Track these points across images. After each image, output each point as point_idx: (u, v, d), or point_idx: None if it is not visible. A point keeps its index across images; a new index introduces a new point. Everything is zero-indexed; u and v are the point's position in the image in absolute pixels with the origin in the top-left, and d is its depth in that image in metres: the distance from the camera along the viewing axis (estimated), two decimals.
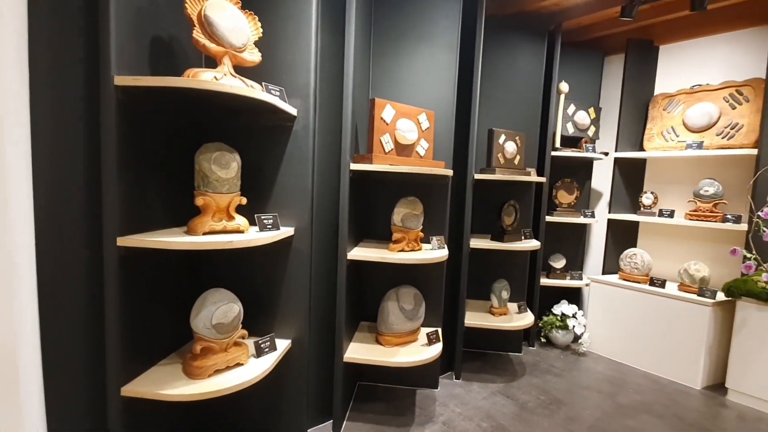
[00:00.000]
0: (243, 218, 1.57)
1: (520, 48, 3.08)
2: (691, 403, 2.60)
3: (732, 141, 2.89)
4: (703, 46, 3.19)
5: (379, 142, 1.96)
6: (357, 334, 2.32)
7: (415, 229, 2.13)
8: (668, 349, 2.94)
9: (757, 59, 2.90)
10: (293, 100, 1.69)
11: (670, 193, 3.35)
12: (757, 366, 2.55)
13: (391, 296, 2.19)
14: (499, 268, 3.09)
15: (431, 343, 2.21)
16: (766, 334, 2.51)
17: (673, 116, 3.23)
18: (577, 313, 3.42)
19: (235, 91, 1.34)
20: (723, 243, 3.04)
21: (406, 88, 2.36)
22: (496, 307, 2.90)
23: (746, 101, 2.88)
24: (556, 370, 2.99)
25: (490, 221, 3.00)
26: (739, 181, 2.93)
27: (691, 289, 2.91)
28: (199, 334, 1.49)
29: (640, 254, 3.23)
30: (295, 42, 1.70)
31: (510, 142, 2.79)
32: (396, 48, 2.35)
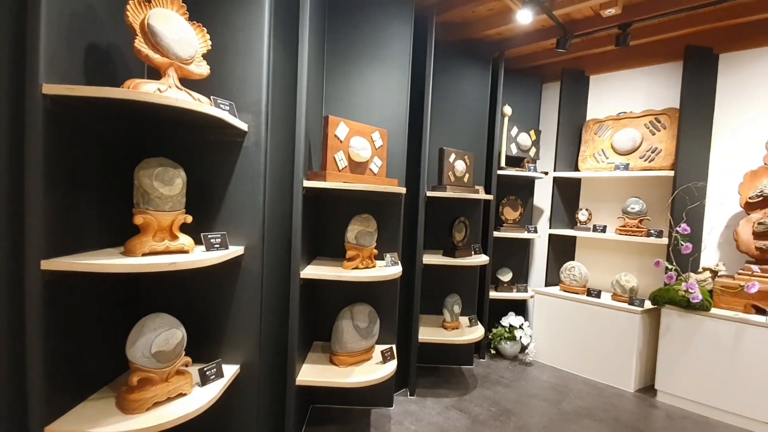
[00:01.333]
0: (188, 237, 1.48)
1: (467, 72, 3.24)
2: (626, 406, 2.79)
3: (653, 163, 3.22)
4: (627, 77, 3.55)
5: (332, 159, 1.96)
6: (310, 355, 2.25)
7: (369, 246, 2.13)
8: (604, 356, 3.14)
9: (672, 91, 3.27)
10: (244, 115, 1.65)
11: (602, 210, 3.64)
12: (680, 368, 2.80)
13: (345, 314, 2.16)
14: (451, 283, 3.17)
15: (386, 360, 2.19)
16: (687, 338, 2.77)
17: (603, 140, 3.53)
18: (524, 324, 3.57)
19: (181, 105, 1.28)
20: (648, 255, 3.33)
21: (359, 107, 2.39)
22: (448, 321, 2.95)
23: (664, 128, 3.23)
24: (505, 381, 3.09)
25: (442, 237, 3.08)
26: (660, 199, 3.26)
27: (622, 299, 3.15)
28: (136, 364, 1.37)
29: (578, 267, 3.45)
30: (247, 56, 1.66)
31: (459, 161, 2.90)
32: (350, 67, 2.38)
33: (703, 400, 2.70)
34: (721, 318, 2.63)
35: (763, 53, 2.89)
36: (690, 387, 2.75)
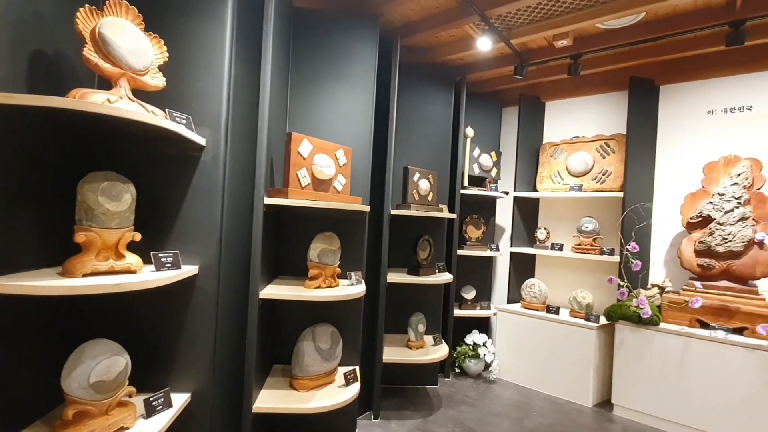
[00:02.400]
0: (136, 257, 1.39)
1: (431, 94, 3.33)
2: (584, 421, 2.84)
3: (604, 185, 3.40)
4: (580, 104, 3.77)
5: (295, 176, 1.93)
6: (269, 380, 2.15)
7: (332, 265, 2.09)
8: (563, 372, 3.22)
9: (619, 118, 3.50)
10: (202, 129, 1.60)
11: (559, 229, 3.78)
12: (634, 382, 2.90)
13: (307, 336, 2.09)
14: (416, 302, 3.16)
15: (349, 383, 2.13)
16: (639, 353, 2.88)
17: (558, 162, 3.71)
18: (487, 341, 3.60)
19: (131, 117, 1.22)
20: (602, 272, 3.49)
21: (324, 124, 2.38)
22: (413, 340, 2.93)
23: (613, 152, 3.44)
24: (469, 400, 3.08)
25: (406, 255, 3.08)
26: (611, 219, 3.43)
27: (579, 315, 3.26)
28: (72, 396, 1.24)
29: (538, 284, 3.55)
30: (207, 70, 1.62)
31: (424, 180, 2.94)
32: (315, 85, 2.38)
33: (656, 413, 2.80)
34: (669, 332, 2.77)
35: (698, 86, 3.16)
36: (644, 400, 2.86)
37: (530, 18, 2.78)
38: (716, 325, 2.69)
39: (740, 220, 2.73)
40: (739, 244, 2.70)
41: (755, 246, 2.69)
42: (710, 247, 2.80)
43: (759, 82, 2.93)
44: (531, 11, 2.69)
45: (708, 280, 2.83)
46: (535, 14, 2.73)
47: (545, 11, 2.69)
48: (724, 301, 2.70)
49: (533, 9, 2.66)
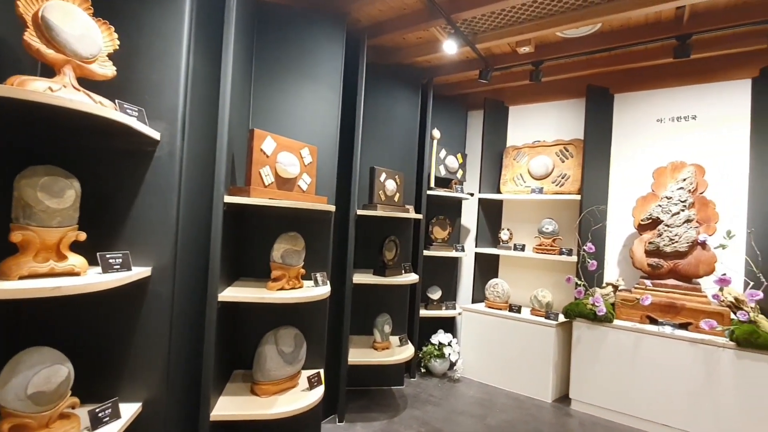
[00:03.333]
0: (80, 258, 1.29)
1: (398, 95, 3.34)
2: (544, 417, 2.94)
3: (563, 188, 3.54)
4: (541, 109, 3.90)
5: (258, 174, 1.87)
6: (229, 386, 2.07)
7: (296, 266, 2.04)
8: (524, 369, 3.31)
9: (577, 123, 3.65)
10: (157, 122, 1.51)
11: (521, 230, 3.90)
12: (590, 377, 3.03)
13: (269, 339, 2.03)
14: (382, 303, 3.15)
15: (313, 386, 2.09)
16: (595, 349, 3.01)
17: (521, 165, 3.83)
18: (452, 341, 3.65)
19: (75, 107, 1.13)
20: (561, 272, 3.62)
21: (289, 122, 2.33)
22: (379, 341, 2.92)
23: (571, 156, 3.58)
24: (434, 400, 3.10)
25: (373, 256, 3.07)
26: (570, 220, 3.57)
27: (539, 313, 3.37)
28: (8, 409, 1.14)
29: (501, 284, 3.64)
30: (162, 60, 1.54)
31: (390, 180, 2.94)
32: (279, 81, 2.32)
33: (611, 406, 2.93)
34: (621, 329, 2.91)
35: (649, 95, 3.35)
36: (599, 394, 2.99)
37: (495, 24, 2.85)
38: (664, 321, 2.85)
39: (685, 222, 2.92)
40: (685, 245, 2.88)
41: (698, 246, 2.88)
42: (659, 248, 2.97)
43: (703, 93, 3.14)
44: (495, 17, 2.76)
45: (657, 278, 3.00)
46: (499, 20, 2.80)
47: (509, 18, 2.76)
48: (671, 299, 2.87)
49: (497, 15, 2.73)
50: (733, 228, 2.85)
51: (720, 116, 3.07)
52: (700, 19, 2.63)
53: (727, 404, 2.54)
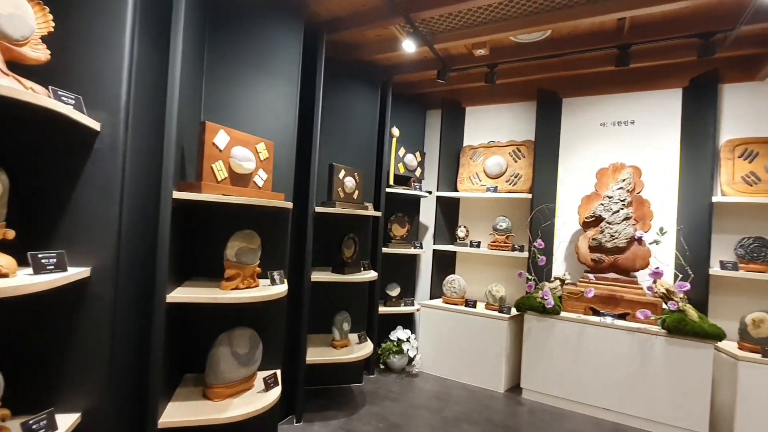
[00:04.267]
0: (8, 258, 1.18)
1: (358, 93, 3.33)
2: (497, 406, 3.06)
3: (516, 187, 3.69)
4: (495, 111, 4.04)
5: (210, 169, 1.79)
6: (179, 391, 1.98)
7: (251, 265, 1.98)
8: (479, 361, 3.43)
9: (529, 125, 3.81)
10: (97, 112, 1.41)
11: (477, 227, 4.02)
12: (540, 366, 3.19)
13: (223, 341, 1.96)
14: (341, 300, 3.14)
15: (269, 388, 2.04)
16: (544, 340, 3.18)
17: (477, 164, 3.94)
18: (411, 336, 3.70)
19: (2, 92, 1.03)
20: (514, 267, 3.78)
21: (244, 116, 2.25)
22: (337, 339, 2.90)
23: (523, 157, 3.74)
24: (393, 395, 3.14)
25: (331, 254, 3.04)
26: (522, 218, 3.73)
27: (493, 307, 3.50)
28: None
29: (458, 280, 3.74)
30: (104, 46, 1.43)
31: (349, 178, 2.92)
32: (234, 73, 2.23)
33: (558, 394, 3.11)
34: (568, 320, 3.09)
35: (593, 100, 3.57)
36: (547, 383, 3.15)
37: (452, 25, 2.91)
38: (605, 311, 3.06)
39: (624, 219, 3.14)
40: (623, 241, 3.10)
41: (636, 242, 3.11)
42: (601, 244, 3.18)
43: (641, 100, 3.39)
44: (453, 18, 2.82)
45: (599, 272, 3.21)
46: (457, 21, 2.86)
47: (465, 20, 2.83)
48: (612, 291, 3.08)
49: (455, 16, 2.79)
50: (665, 225, 3.11)
51: (655, 122, 3.34)
52: (639, 30, 2.83)
53: (658, 385, 2.77)
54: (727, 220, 3.04)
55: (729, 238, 3.00)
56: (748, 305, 2.88)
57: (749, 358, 2.56)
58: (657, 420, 2.77)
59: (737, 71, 3.06)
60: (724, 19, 2.56)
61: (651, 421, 2.79)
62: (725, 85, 3.11)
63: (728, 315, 2.94)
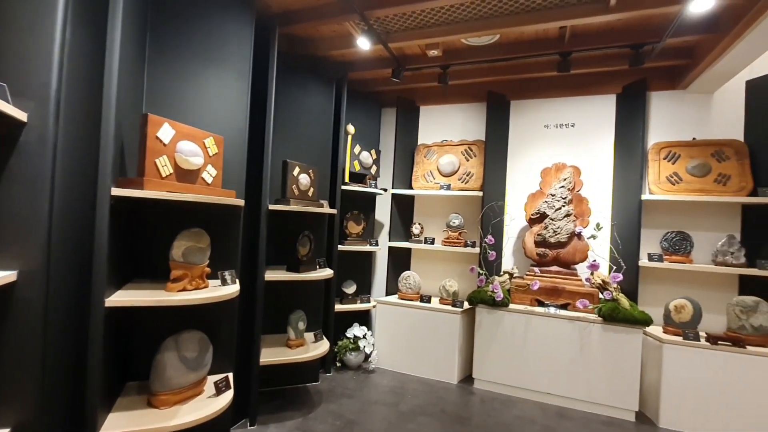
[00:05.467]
0: None
1: (313, 88, 3.28)
2: (450, 398, 3.16)
3: (468, 185, 3.82)
4: (448, 111, 4.15)
5: (153, 164, 1.69)
6: (121, 401, 1.86)
7: (199, 265, 1.90)
8: (434, 354, 3.52)
9: (479, 126, 3.95)
10: (23, 101, 1.29)
11: (431, 224, 4.12)
12: (490, 357, 3.33)
13: (169, 345, 1.86)
14: (296, 299, 3.09)
15: (220, 392, 1.97)
16: (494, 331, 3.32)
17: (431, 162, 4.04)
18: (367, 333, 3.73)
19: None
20: (466, 263, 3.91)
21: (190, 109, 2.14)
22: (293, 339, 2.86)
23: (474, 156, 3.88)
24: (349, 392, 3.14)
25: (286, 252, 2.99)
26: (473, 215, 3.87)
27: (447, 302, 3.61)
28: None
29: (413, 276, 3.81)
30: (31, 30, 1.31)
31: (304, 175, 2.88)
32: (179, 64, 2.12)
33: (507, 382, 3.27)
34: (515, 311, 3.25)
35: (538, 103, 3.77)
36: (497, 372, 3.30)
37: (406, 25, 2.95)
38: (549, 302, 3.25)
39: (566, 216, 3.35)
40: (565, 236, 3.31)
41: (576, 237, 3.33)
42: (545, 239, 3.37)
43: (580, 104, 3.63)
44: (407, 18, 2.86)
45: (544, 266, 3.41)
46: (411, 21, 2.90)
47: (419, 20, 2.88)
48: (555, 283, 3.28)
49: (409, 16, 2.83)
50: (601, 221, 3.36)
51: (592, 125, 3.59)
52: (579, 39, 3.03)
53: (596, 369, 2.99)
54: (654, 216, 3.34)
55: (655, 233, 3.30)
56: (671, 293, 3.18)
57: (672, 341, 2.84)
58: (595, 401, 3.00)
59: (663, 80, 3.36)
60: (652, 32, 2.81)
61: (590, 403, 3.02)
62: (653, 93, 3.41)
63: (655, 302, 3.23)
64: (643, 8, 2.43)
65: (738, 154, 3.10)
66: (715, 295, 3.13)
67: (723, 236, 3.07)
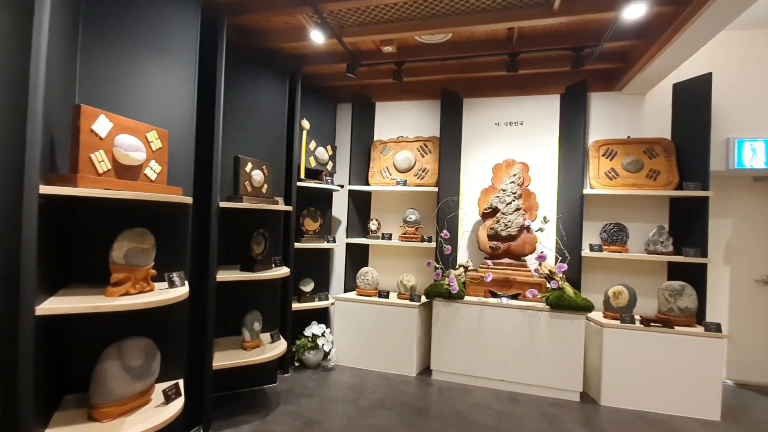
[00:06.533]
0: None
1: (266, 82, 3.18)
2: (409, 390, 3.21)
3: (423, 181, 3.88)
4: (404, 107, 4.19)
5: (88, 160, 1.57)
6: (58, 416, 1.71)
7: (143, 267, 1.79)
8: (393, 349, 3.56)
9: (434, 122, 4.03)
10: None
11: (388, 220, 4.15)
12: (447, 348, 3.42)
13: (111, 354, 1.74)
14: (251, 299, 3.00)
15: (170, 400, 1.87)
16: (450, 323, 3.41)
17: (387, 158, 4.06)
18: (326, 331, 3.69)
19: None
20: (422, 257, 3.98)
21: (132, 101, 2.00)
22: (248, 340, 2.78)
23: (430, 152, 3.95)
24: (308, 391, 3.11)
25: (240, 251, 2.88)
26: (429, 210, 3.95)
27: (405, 296, 3.66)
28: None
29: (371, 272, 3.82)
30: None
31: (257, 171, 2.79)
32: (118, 51, 1.97)
33: (463, 371, 3.37)
34: (470, 303, 3.36)
35: (489, 102, 3.90)
36: (454, 362, 3.40)
37: (360, 20, 2.93)
38: (502, 293, 3.39)
39: (516, 210, 3.50)
40: (515, 229, 3.46)
41: (525, 230, 3.49)
42: (497, 232, 3.50)
43: (528, 103, 3.80)
44: (361, 13, 2.84)
45: (496, 258, 3.54)
46: (365, 17, 2.89)
47: (373, 16, 2.87)
48: (507, 274, 3.43)
49: (363, 11, 2.81)
50: (548, 214, 3.54)
51: (539, 123, 3.77)
52: (525, 40, 3.17)
53: (544, 354, 3.17)
54: (594, 209, 3.58)
55: (596, 225, 3.53)
56: (610, 280, 3.43)
57: (611, 325, 3.06)
58: (543, 385, 3.17)
59: (601, 82, 3.60)
60: (591, 36, 2.99)
61: (539, 386, 3.19)
62: (592, 94, 3.64)
63: (596, 289, 3.47)
64: (584, 13, 2.59)
65: (666, 151, 3.39)
66: (648, 281, 3.42)
67: (654, 227, 3.35)
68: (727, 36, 3.33)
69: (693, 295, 3.03)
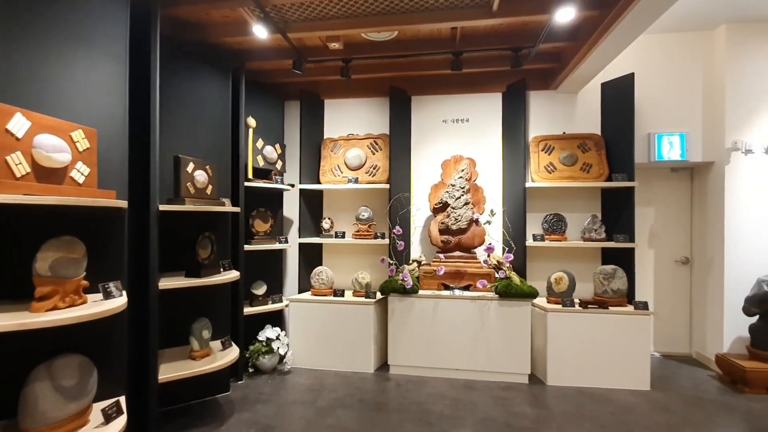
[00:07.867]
0: None
1: (207, 78, 3.03)
2: (367, 386, 3.23)
3: (375, 178, 3.90)
4: (353, 105, 4.17)
5: (4, 163, 1.41)
6: None
7: (73, 278, 1.65)
8: (349, 346, 3.56)
9: (384, 120, 4.05)
10: None
11: (341, 218, 4.13)
12: (403, 343, 3.48)
13: (40, 375, 1.58)
14: (199, 306, 2.86)
15: (110, 419, 1.74)
16: (405, 318, 3.47)
17: (338, 156, 4.03)
18: (281, 334, 3.61)
19: None
20: (377, 254, 4.00)
21: (54, 97, 1.82)
22: (197, 349, 2.65)
23: (380, 149, 3.97)
24: (264, 397, 3.02)
25: (185, 256, 2.73)
26: (381, 207, 3.97)
27: (360, 294, 3.66)
28: None
29: (325, 271, 3.79)
30: None
31: (200, 171, 2.66)
32: (36, 43, 1.78)
33: (420, 364, 3.44)
34: (424, 297, 3.43)
35: (436, 99, 4.00)
36: (411, 356, 3.46)
37: (305, 15, 2.88)
38: (454, 285, 3.50)
39: (465, 204, 3.62)
40: (465, 223, 3.58)
41: (474, 223, 3.62)
42: (448, 227, 3.61)
43: (473, 101, 3.93)
44: (305, 8, 2.79)
45: (448, 252, 3.65)
46: (309, 12, 2.84)
47: (318, 11, 2.83)
48: (458, 267, 3.54)
49: (307, 6, 2.76)
50: (494, 207, 3.70)
51: (484, 120, 3.92)
52: (468, 40, 3.27)
53: (494, 341, 3.31)
54: (536, 201, 3.79)
55: (538, 216, 3.74)
56: (552, 267, 3.65)
57: (554, 309, 3.26)
58: (495, 370, 3.32)
59: (539, 81, 3.81)
60: (528, 38, 3.15)
61: (492, 372, 3.33)
62: (531, 92, 3.85)
63: (540, 277, 3.68)
64: (521, 15, 2.72)
65: (597, 145, 3.66)
66: (585, 266, 3.68)
67: (588, 216, 3.61)
68: (647, 39, 3.65)
69: (623, 277, 3.30)
